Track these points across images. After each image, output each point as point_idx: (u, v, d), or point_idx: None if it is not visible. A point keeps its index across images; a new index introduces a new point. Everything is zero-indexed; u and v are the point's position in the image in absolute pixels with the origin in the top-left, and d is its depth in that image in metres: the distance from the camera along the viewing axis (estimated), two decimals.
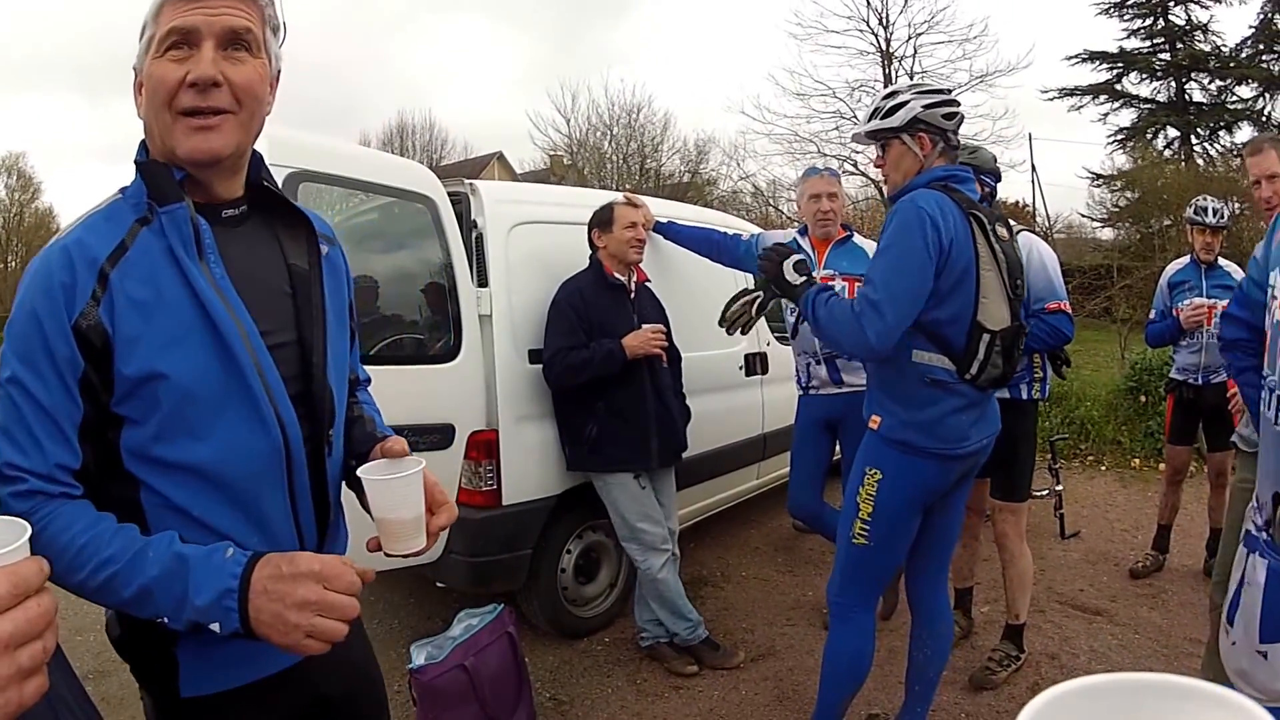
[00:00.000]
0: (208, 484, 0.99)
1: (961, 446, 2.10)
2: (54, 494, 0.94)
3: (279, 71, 1.09)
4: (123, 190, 1.05)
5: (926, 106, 2.16)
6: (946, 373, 2.06)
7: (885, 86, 15.68)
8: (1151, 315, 3.85)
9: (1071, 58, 18.59)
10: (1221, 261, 3.68)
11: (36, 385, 0.93)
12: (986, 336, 2.04)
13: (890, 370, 2.11)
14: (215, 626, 0.93)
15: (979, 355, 2.04)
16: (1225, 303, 2.06)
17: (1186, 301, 3.63)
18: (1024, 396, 2.89)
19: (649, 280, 3.18)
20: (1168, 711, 0.45)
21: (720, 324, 2.60)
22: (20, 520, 0.61)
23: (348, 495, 1.19)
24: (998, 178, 3.02)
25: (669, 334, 3.06)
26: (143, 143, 1.06)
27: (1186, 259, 3.76)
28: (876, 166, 2.29)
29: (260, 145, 1.12)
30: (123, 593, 0.93)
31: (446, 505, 1.11)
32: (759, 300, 2.50)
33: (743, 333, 2.69)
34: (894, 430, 2.11)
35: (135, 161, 1.04)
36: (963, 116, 2.20)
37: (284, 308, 1.09)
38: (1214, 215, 3.64)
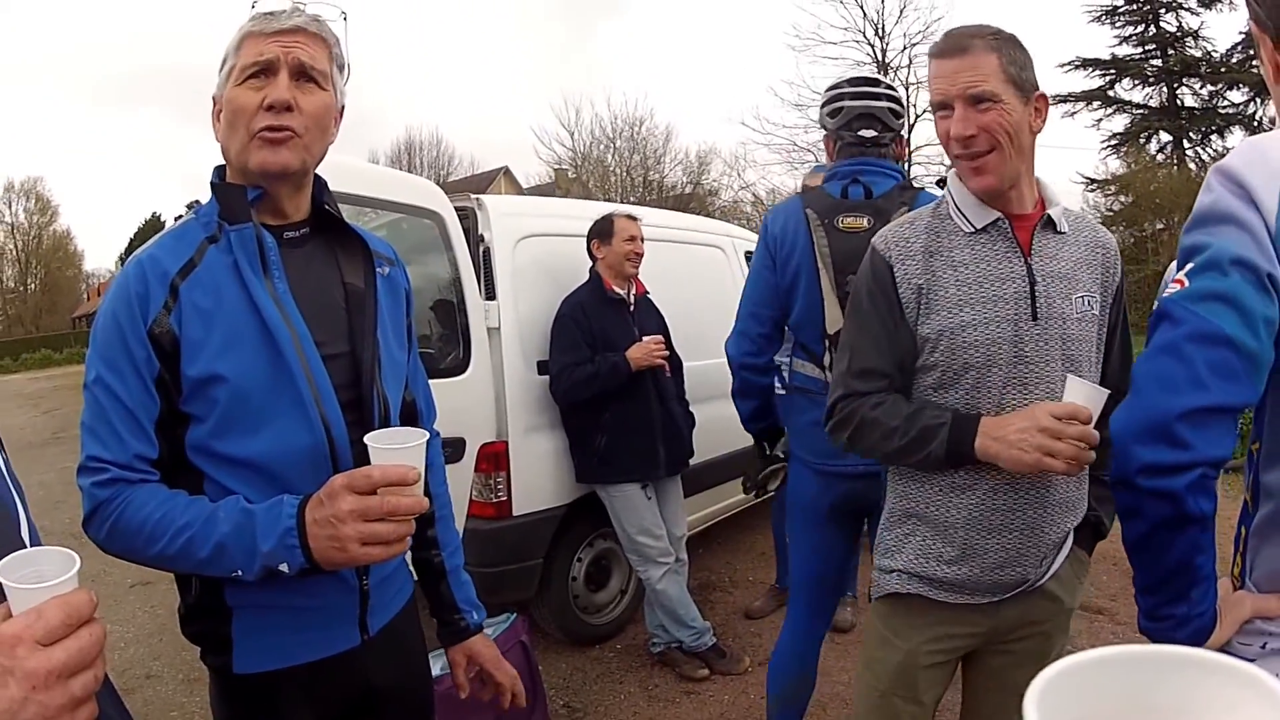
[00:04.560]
0: (261, 476, 1.08)
1: (835, 465, 1.95)
2: (134, 480, 1.05)
3: (343, 106, 1.20)
4: (194, 209, 1.15)
5: (821, 108, 2.09)
6: (813, 381, 2.01)
7: None
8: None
9: (1064, 64, 18.75)
10: None
11: (118, 384, 1.04)
12: (826, 341, 1.96)
13: None
14: (284, 567, 1.01)
15: (826, 363, 1.95)
16: None
17: None
18: None
19: (648, 292, 3.22)
20: (1187, 685, 0.44)
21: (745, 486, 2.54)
22: (69, 551, 0.61)
23: None
24: None
25: (670, 343, 3.11)
26: (218, 167, 1.16)
27: None
28: None
29: None
30: (199, 553, 1.01)
31: (511, 690, 1.38)
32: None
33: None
34: (790, 436, 2.15)
35: (210, 184, 1.14)
36: (851, 109, 1.99)
37: (339, 321, 1.17)
38: None
